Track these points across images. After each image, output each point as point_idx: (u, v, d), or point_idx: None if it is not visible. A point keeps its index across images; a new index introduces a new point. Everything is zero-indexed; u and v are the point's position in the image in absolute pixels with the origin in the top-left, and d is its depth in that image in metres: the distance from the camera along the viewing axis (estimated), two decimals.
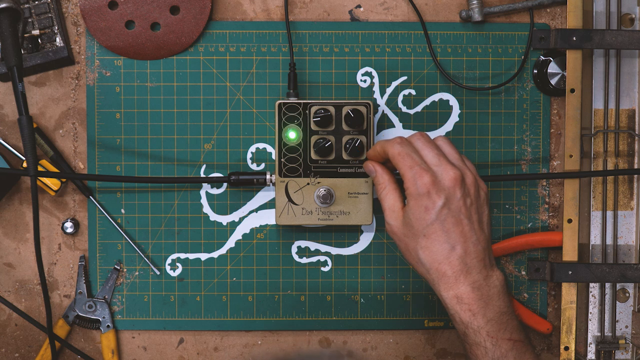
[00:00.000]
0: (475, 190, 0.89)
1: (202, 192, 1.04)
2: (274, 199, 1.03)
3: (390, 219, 0.90)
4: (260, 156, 1.04)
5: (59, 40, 1.00)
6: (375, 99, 1.04)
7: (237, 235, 1.04)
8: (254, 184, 1.01)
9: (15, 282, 1.04)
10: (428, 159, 0.88)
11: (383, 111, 1.04)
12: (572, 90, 1.01)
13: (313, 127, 0.99)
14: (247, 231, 1.04)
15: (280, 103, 0.99)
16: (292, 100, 0.99)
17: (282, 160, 0.99)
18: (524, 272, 1.05)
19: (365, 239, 1.05)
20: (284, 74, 1.03)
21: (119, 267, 1.03)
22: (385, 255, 1.05)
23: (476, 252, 0.87)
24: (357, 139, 0.98)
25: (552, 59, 1.03)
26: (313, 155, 0.99)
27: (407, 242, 0.89)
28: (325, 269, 1.05)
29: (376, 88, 1.04)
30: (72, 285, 1.04)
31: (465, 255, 0.87)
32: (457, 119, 1.05)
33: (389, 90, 1.04)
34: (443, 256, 0.87)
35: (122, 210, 1.03)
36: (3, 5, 0.91)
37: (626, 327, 1.05)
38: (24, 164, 0.93)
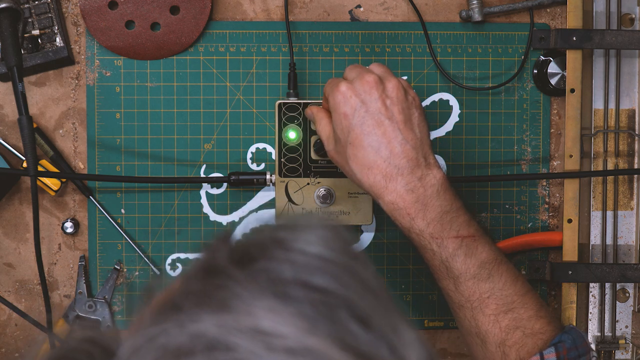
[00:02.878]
0: (400, 94, 0.85)
1: (202, 192, 1.04)
2: (274, 199, 1.03)
3: (327, 145, 0.88)
4: (260, 156, 1.04)
5: (59, 40, 1.00)
6: None
7: (237, 235, 1.04)
8: (254, 184, 1.01)
9: (15, 282, 1.04)
10: (350, 76, 0.87)
11: None
12: (572, 90, 1.01)
13: (313, 127, 0.98)
14: (248, 231, 1.04)
15: (280, 103, 0.99)
16: (292, 100, 0.99)
17: (282, 160, 0.99)
18: (524, 272, 1.05)
19: (365, 239, 1.05)
20: (284, 74, 1.03)
21: (119, 267, 1.03)
22: (385, 255, 1.05)
23: (404, 151, 0.83)
24: None
25: (552, 59, 1.03)
26: (313, 155, 0.99)
27: (342, 161, 0.86)
28: None
29: None
30: (72, 285, 1.04)
31: (392, 156, 0.83)
32: (457, 119, 1.05)
33: None
34: (370, 160, 0.84)
35: (122, 210, 1.03)
36: (3, 5, 0.91)
37: (626, 327, 1.05)
38: (24, 164, 0.93)
